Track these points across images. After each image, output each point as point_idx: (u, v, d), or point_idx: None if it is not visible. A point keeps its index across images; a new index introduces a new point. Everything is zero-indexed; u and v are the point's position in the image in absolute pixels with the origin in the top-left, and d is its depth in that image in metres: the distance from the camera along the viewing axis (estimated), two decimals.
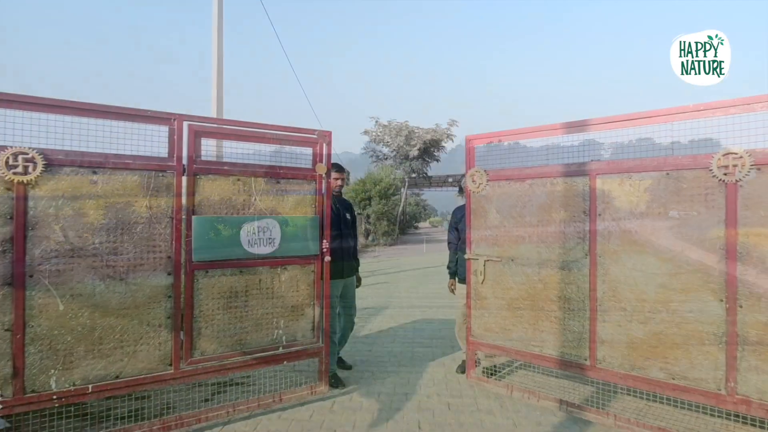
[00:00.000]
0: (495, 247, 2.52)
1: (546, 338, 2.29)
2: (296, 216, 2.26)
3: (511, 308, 2.43)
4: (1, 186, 1.78)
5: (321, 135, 2.40)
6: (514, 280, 2.43)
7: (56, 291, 1.84)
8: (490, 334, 2.52)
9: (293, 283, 2.30)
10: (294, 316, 2.32)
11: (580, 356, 2.16)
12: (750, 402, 1.67)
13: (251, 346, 2.22)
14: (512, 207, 2.44)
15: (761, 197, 1.66)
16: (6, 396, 1.75)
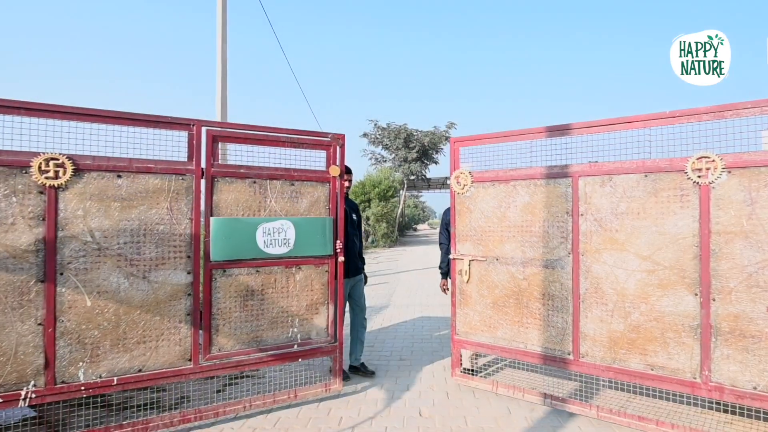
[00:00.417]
0: (480, 247, 2.60)
1: (530, 335, 2.39)
2: (310, 217, 2.37)
3: (496, 306, 2.52)
4: (35, 189, 1.91)
5: (334, 138, 2.52)
6: (498, 279, 2.52)
7: (84, 288, 1.97)
8: (475, 333, 2.60)
9: (308, 282, 2.41)
10: (309, 314, 2.43)
11: (564, 351, 2.27)
12: (723, 389, 1.81)
13: (267, 343, 2.33)
14: (497, 207, 2.53)
15: (732, 198, 1.80)
16: (39, 386, 1.88)
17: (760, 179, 1.76)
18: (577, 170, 2.23)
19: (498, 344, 2.51)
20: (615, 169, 2.10)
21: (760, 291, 1.74)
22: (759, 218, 1.75)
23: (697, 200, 1.87)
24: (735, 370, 1.79)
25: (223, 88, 5.14)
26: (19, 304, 1.86)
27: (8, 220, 1.86)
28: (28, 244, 1.89)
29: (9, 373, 1.84)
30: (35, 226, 1.90)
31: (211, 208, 2.22)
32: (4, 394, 1.83)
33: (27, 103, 1.92)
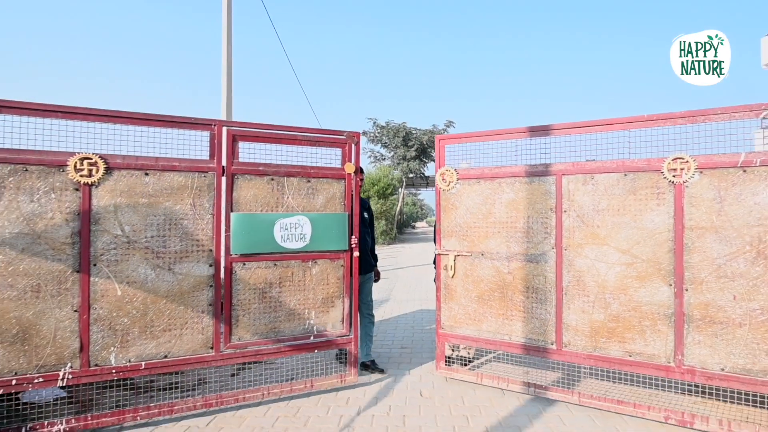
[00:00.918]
0: (465, 243, 2.70)
1: (515, 326, 2.52)
2: (326, 213, 2.55)
3: (481, 300, 2.63)
4: (71, 187, 2.09)
5: (349, 136, 2.67)
6: (484, 274, 2.63)
7: (115, 278, 2.16)
8: (460, 326, 2.70)
9: (323, 276, 2.58)
10: (324, 307, 2.59)
11: (548, 341, 2.42)
12: (694, 371, 2.05)
13: (284, 334, 2.50)
14: (482, 204, 2.64)
15: (703, 196, 2.04)
16: (75, 368, 2.07)
17: (728, 179, 2.01)
18: (560, 169, 2.40)
19: (483, 336, 2.62)
20: (597, 168, 2.30)
21: (728, 281, 2.00)
22: (727, 215, 2.00)
23: (672, 198, 2.10)
24: (705, 353, 2.04)
25: (229, 89, 5.30)
26: (57, 292, 2.05)
27: (48, 215, 2.04)
28: (65, 237, 2.07)
29: (49, 355, 2.03)
30: (71, 220, 2.08)
31: (231, 204, 2.40)
32: (45, 374, 2.02)
33: (63, 107, 2.10)
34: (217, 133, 2.41)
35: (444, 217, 2.79)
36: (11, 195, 1.99)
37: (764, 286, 1.94)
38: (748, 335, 1.97)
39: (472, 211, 2.69)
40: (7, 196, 1.98)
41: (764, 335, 1.95)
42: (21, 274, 1.99)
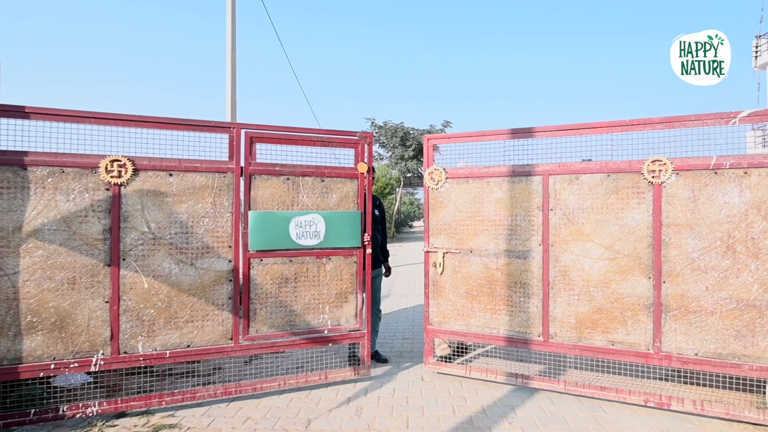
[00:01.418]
0: (454, 240, 2.82)
1: (503, 320, 2.67)
2: (339, 211, 2.74)
3: (470, 296, 2.75)
4: (102, 186, 2.29)
5: (362, 136, 2.85)
6: (472, 270, 2.75)
7: (142, 272, 2.36)
8: (448, 322, 2.83)
9: (337, 272, 2.74)
10: (338, 302, 2.74)
11: (535, 333, 2.60)
12: (671, 357, 2.32)
13: (300, 327, 2.67)
14: (471, 202, 2.77)
15: (679, 196, 2.31)
16: (106, 355, 2.27)
17: (701, 180, 2.29)
18: (547, 169, 2.58)
19: (471, 331, 2.76)
20: (581, 169, 2.51)
21: (701, 273, 2.27)
22: (700, 213, 2.28)
23: (651, 197, 2.37)
24: (681, 340, 2.31)
25: (233, 92, 5.48)
26: (90, 284, 2.25)
27: (82, 213, 2.24)
28: (98, 233, 2.27)
29: (83, 343, 2.23)
30: (103, 218, 2.29)
31: (249, 202, 2.61)
32: (80, 360, 2.22)
33: (96, 113, 2.30)
34: (236, 135, 2.61)
35: (433, 215, 2.91)
36: (50, 195, 2.18)
37: (733, 278, 2.22)
38: (718, 322, 2.25)
39: (461, 209, 2.81)
40: (46, 195, 2.18)
41: (733, 322, 2.23)
42: (58, 267, 2.18)
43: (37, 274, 2.15)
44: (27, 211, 2.16)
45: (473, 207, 2.79)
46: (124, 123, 2.37)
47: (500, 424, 2.21)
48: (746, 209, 2.21)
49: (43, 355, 2.16)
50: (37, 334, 2.15)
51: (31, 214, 2.16)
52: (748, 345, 2.20)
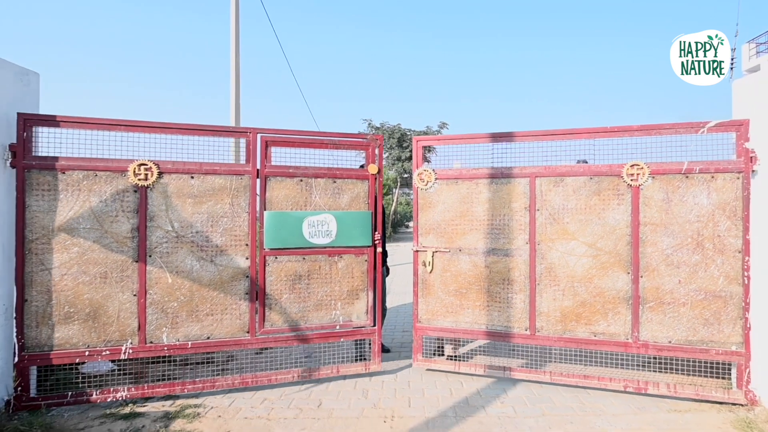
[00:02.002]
0: (443, 239, 2.97)
1: (492, 316, 2.85)
2: (351, 211, 2.97)
3: (459, 293, 2.91)
4: (131, 188, 2.54)
5: (372, 139, 3.08)
6: (461, 268, 2.91)
7: (166, 268, 2.61)
8: (437, 319, 2.98)
9: (348, 270, 2.93)
10: (350, 299, 2.93)
11: (522, 327, 2.80)
12: (648, 345, 2.63)
13: (313, 322, 2.86)
14: (460, 203, 2.94)
15: (655, 197, 2.63)
16: (134, 344, 2.51)
17: (674, 183, 2.62)
18: (534, 171, 2.81)
19: (461, 327, 2.92)
20: (566, 172, 2.76)
21: (674, 268, 2.60)
22: (673, 213, 2.61)
23: (630, 199, 2.68)
24: (656, 329, 2.63)
25: (237, 95, 5.72)
26: (120, 279, 2.49)
27: (113, 213, 2.49)
28: (127, 232, 2.52)
29: (113, 332, 2.48)
30: (131, 218, 2.53)
31: (264, 203, 2.85)
32: (111, 348, 2.47)
33: (125, 121, 2.55)
34: (252, 139, 2.85)
35: (422, 215, 3.05)
36: (84, 196, 2.43)
37: (702, 271, 2.55)
38: (689, 312, 2.58)
39: (450, 209, 2.98)
40: (81, 197, 2.42)
41: (701, 312, 2.56)
42: (92, 263, 2.43)
43: (74, 268, 2.39)
44: (65, 211, 2.40)
45: (462, 207, 2.96)
46: (149, 129, 2.62)
47: (493, 404, 2.51)
48: (713, 210, 2.55)
49: (79, 342, 2.40)
50: (73, 323, 2.39)
51: (69, 213, 2.40)
52: (715, 332, 2.53)
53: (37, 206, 2.36)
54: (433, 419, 2.32)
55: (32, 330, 2.34)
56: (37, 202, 2.36)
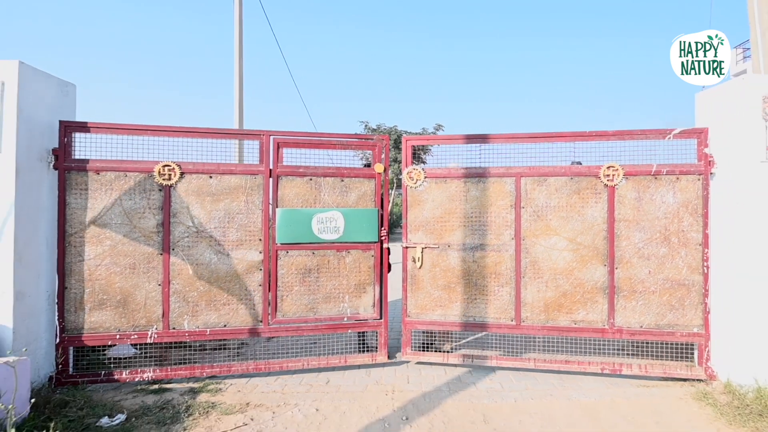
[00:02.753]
0: (432, 236, 3.18)
1: (479, 308, 3.11)
2: (358, 208, 3.26)
3: (447, 287, 3.13)
4: (156, 188, 2.88)
5: (378, 140, 3.32)
6: (450, 263, 3.13)
7: (187, 260, 2.95)
8: (426, 313, 3.19)
9: (356, 264, 3.19)
10: (357, 292, 3.18)
11: (508, 318, 3.09)
12: (622, 330, 3.03)
13: (322, 314, 3.13)
14: (449, 200, 3.18)
15: (628, 196, 3.03)
16: (158, 330, 2.85)
17: (644, 183, 3.02)
18: (519, 171, 3.11)
19: (449, 320, 3.14)
20: (549, 172, 3.10)
21: (644, 260, 3.01)
22: (644, 210, 3.01)
23: (606, 197, 3.08)
24: (629, 315, 3.03)
25: (240, 99, 6.06)
26: (147, 269, 2.83)
27: (141, 210, 2.83)
28: (153, 227, 2.86)
29: (140, 319, 2.81)
30: (156, 214, 2.87)
31: (276, 201, 3.17)
32: (138, 332, 2.80)
33: (151, 126, 2.90)
34: (265, 141, 3.18)
35: (411, 213, 3.25)
36: (116, 195, 2.77)
37: (668, 263, 2.96)
38: (658, 299, 2.98)
39: (439, 206, 3.20)
40: (113, 196, 2.76)
41: (668, 299, 2.97)
42: (123, 255, 2.77)
43: (107, 260, 2.73)
44: (99, 208, 2.73)
45: (451, 205, 3.21)
46: (171, 134, 2.96)
47: (482, 381, 2.90)
48: (678, 207, 2.96)
49: (111, 326, 2.73)
50: (106, 309, 2.73)
51: (102, 210, 2.74)
52: (680, 316, 2.95)
53: (76, 204, 2.69)
54: (429, 392, 2.69)
55: (71, 314, 2.67)
56: (76, 200, 2.69)
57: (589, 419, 2.44)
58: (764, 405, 2.48)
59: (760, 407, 2.47)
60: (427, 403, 2.57)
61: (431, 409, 2.51)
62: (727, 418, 2.43)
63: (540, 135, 3.21)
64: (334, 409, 2.48)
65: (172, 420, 2.30)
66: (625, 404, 2.62)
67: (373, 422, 2.33)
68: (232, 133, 3.14)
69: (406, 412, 2.46)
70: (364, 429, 2.27)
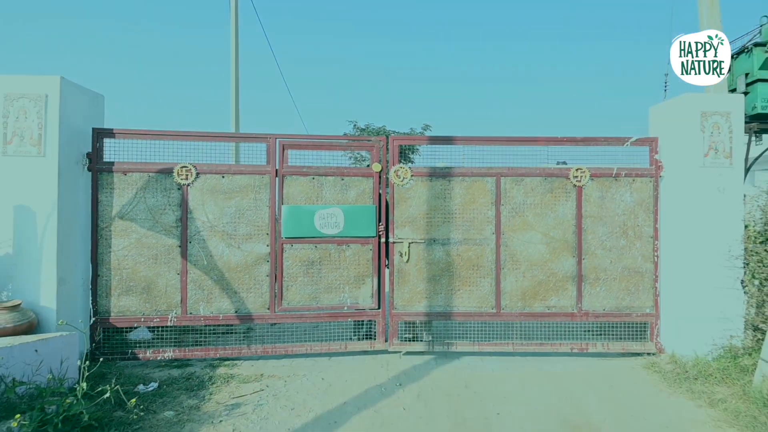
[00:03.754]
0: (418, 231, 3.50)
1: (463, 299, 3.50)
2: (356, 205, 3.70)
3: (433, 280, 3.47)
4: (175, 187, 3.34)
5: (376, 141, 3.85)
6: (435, 257, 3.47)
7: (203, 252, 3.41)
8: (412, 305, 3.51)
9: (355, 258, 3.55)
10: (357, 284, 3.54)
11: (489, 306, 3.53)
12: (588, 313, 3.61)
13: (323, 303, 3.51)
14: (434, 198, 3.54)
15: (593, 195, 3.61)
16: (177, 314, 3.31)
17: (606, 184, 3.61)
18: (499, 171, 3.55)
19: (434, 311, 3.49)
20: (526, 173, 3.66)
21: (607, 251, 3.60)
22: (607, 207, 3.61)
23: (575, 196, 3.65)
24: (594, 300, 3.62)
25: (237, 103, 6.49)
26: (167, 260, 3.29)
27: (162, 207, 3.29)
28: (173, 222, 3.32)
29: (162, 304, 3.27)
30: (175, 210, 3.33)
31: (282, 198, 3.63)
32: (160, 316, 3.26)
33: (171, 132, 3.36)
34: (272, 144, 3.65)
35: (398, 209, 3.55)
36: (141, 194, 3.22)
37: (627, 253, 3.57)
38: (618, 285, 3.59)
39: (425, 203, 3.54)
40: (138, 194, 3.21)
41: (626, 284, 3.57)
42: (146, 246, 3.22)
43: (133, 251, 3.18)
44: (126, 205, 3.18)
45: (436, 202, 3.57)
46: (188, 138, 3.42)
47: (466, 358, 3.47)
48: (634, 205, 3.57)
49: (136, 311, 3.19)
50: (132, 295, 3.18)
51: (128, 207, 3.19)
52: (635, 299, 3.56)
53: (106, 201, 3.13)
54: (419, 365, 3.24)
55: (102, 299, 3.11)
56: (106, 197, 3.14)
57: (555, 384, 3.02)
58: (699, 371, 3.10)
59: (696, 373, 3.09)
60: (417, 374, 3.11)
61: (421, 377, 3.05)
62: (668, 382, 3.05)
63: (517, 138, 3.73)
64: (338, 378, 2.99)
65: (198, 387, 2.78)
66: (586, 373, 3.21)
67: (372, 387, 2.86)
68: (241, 136, 3.61)
69: (399, 380, 3.00)
70: (365, 392, 2.80)
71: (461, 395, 2.82)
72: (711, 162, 3.35)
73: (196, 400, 2.63)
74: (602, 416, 2.60)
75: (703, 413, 2.65)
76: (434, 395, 2.81)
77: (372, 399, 2.73)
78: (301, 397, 2.74)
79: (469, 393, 2.85)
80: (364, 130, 19.88)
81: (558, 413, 2.62)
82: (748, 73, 4.20)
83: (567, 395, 2.85)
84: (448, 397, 2.79)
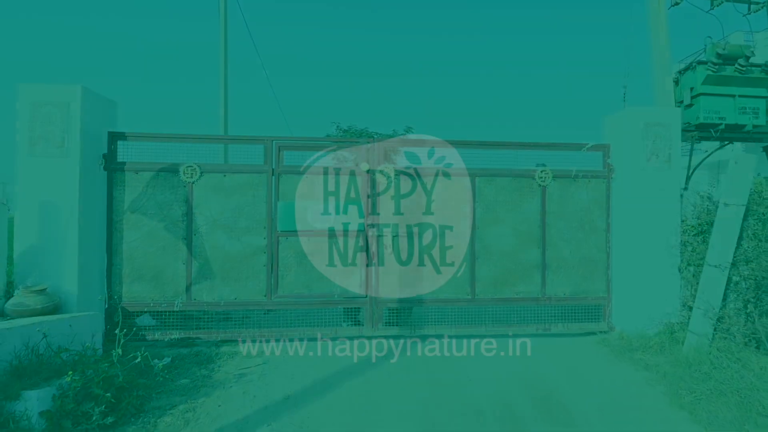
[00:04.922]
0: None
1: (442, 286, 4.09)
2: (346, 200, 4.22)
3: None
4: (182, 184, 3.80)
5: (365, 142, 4.44)
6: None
7: (206, 244, 3.89)
8: (397, 293, 4.04)
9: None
10: (346, 274, 4.14)
11: (465, 292, 4.15)
12: (551, 298, 4.25)
13: (316, 291, 4.15)
14: (417, 195, 4.07)
15: (555, 194, 4.24)
16: (183, 301, 3.78)
17: (566, 184, 4.27)
18: (475, 172, 4.23)
19: (416, 297, 4.06)
20: (497, 173, 4.32)
21: (567, 243, 4.26)
22: (566, 205, 4.26)
23: (540, 195, 4.30)
24: (556, 286, 4.27)
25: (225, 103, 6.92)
26: (174, 251, 3.75)
27: (169, 202, 3.75)
28: (179, 216, 3.78)
29: (169, 290, 3.74)
30: (182, 206, 3.80)
31: (277, 195, 4.15)
32: (167, 302, 3.71)
33: (179, 135, 3.81)
34: (269, 146, 4.17)
35: (383, 205, 4.11)
36: (152, 190, 3.67)
37: (584, 244, 4.23)
38: (576, 272, 4.25)
39: (408, 200, 4.10)
40: (149, 190, 3.66)
41: (583, 272, 4.24)
42: (155, 238, 3.68)
43: (144, 242, 3.63)
44: (137, 201, 3.63)
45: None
46: (193, 140, 3.89)
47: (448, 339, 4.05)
48: (590, 203, 4.24)
49: (146, 297, 3.64)
50: (142, 282, 3.63)
51: (139, 202, 3.64)
52: (590, 285, 4.23)
53: (119, 197, 3.57)
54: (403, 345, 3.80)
55: (116, 286, 3.55)
56: (120, 194, 3.57)
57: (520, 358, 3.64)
58: (641, 344, 3.78)
59: (638, 345, 3.77)
60: (400, 351, 3.67)
61: (403, 354, 3.61)
62: (615, 354, 3.72)
63: (490, 143, 4.36)
64: (331, 355, 3.53)
65: (207, 362, 3.27)
66: (548, 349, 3.85)
67: (362, 357, 3.42)
68: (241, 138, 4.09)
69: (385, 356, 3.55)
70: (356, 362, 3.34)
71: (439, 366, 3.40)
72: (653, 165, 4.05)
73: (206, 371, 3.12)
74: (557, 380, 3.23)
75: (639, 375, 3.32)
76: (415, 366, 3.38)
77: (360, 369, 3.28)
78: (300, 369, 3.26)
79: (446, 364, 3.44)
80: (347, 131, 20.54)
81: (521, 378, 3.24)
82: (693, 88, 4.94)
83: (530, 366, 3.47)
84: (427, 367, 3.36)
